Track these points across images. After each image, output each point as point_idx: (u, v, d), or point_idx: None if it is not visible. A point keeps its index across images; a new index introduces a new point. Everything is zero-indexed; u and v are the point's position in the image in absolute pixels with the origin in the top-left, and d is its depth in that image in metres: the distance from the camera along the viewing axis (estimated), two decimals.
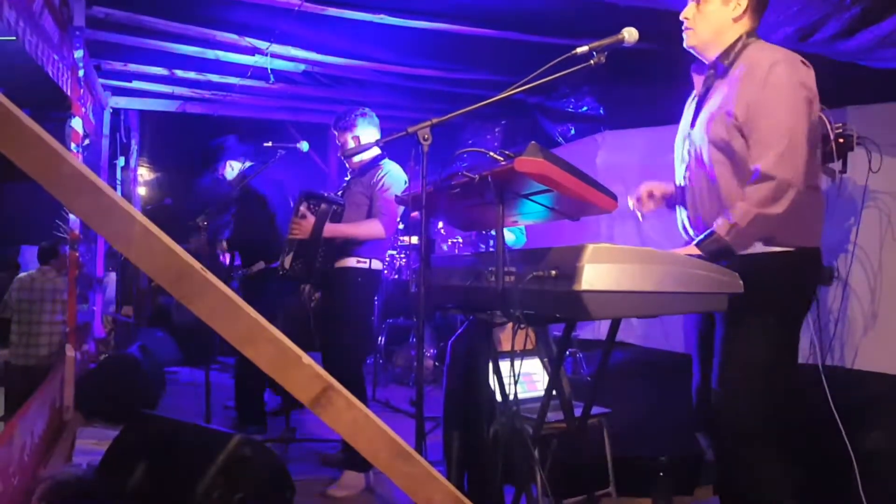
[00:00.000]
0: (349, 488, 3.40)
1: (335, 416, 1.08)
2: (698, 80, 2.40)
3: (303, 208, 3.53)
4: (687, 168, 2.37)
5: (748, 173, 2.11)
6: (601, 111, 5.52)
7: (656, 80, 4.35)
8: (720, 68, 2.27)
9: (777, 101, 2.07)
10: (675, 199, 2.49)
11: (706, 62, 2.34)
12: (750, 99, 2.11)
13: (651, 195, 2.54)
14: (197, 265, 1.02)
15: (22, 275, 5.73)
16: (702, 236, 2.15)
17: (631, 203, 2.58)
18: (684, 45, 2.36)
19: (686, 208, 2.38)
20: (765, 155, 2.05)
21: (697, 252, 2.12)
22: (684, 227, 2.42)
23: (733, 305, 1.96)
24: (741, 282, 1.95)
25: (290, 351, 1.06)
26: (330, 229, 3.51)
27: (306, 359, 1.07)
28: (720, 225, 2.10)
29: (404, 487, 1.11)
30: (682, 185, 2.40)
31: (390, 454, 1.10)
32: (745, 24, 2.27)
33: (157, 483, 2.36)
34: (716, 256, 2.08)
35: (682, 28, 2.34)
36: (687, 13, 2.32)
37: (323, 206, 3.52)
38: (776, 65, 2.09)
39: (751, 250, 2.15)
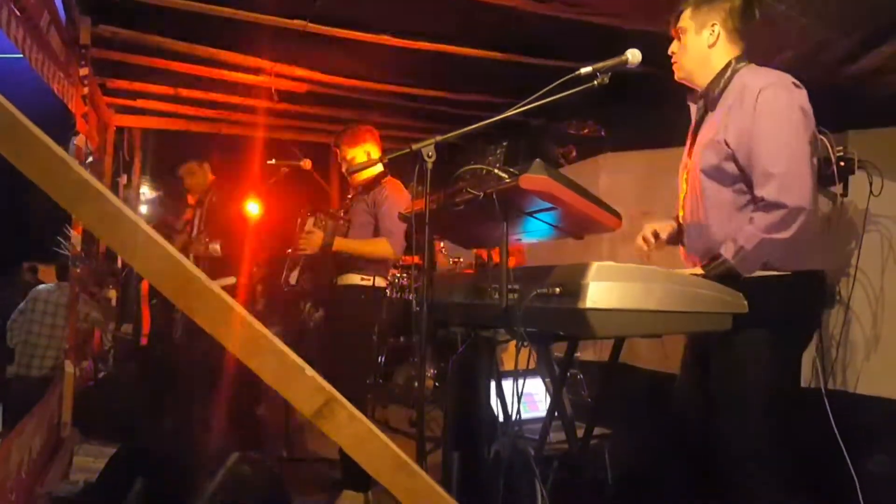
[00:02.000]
0: None
1: (337, 428, 1.07)
2: (693, 110, 2.40)
3: (310, 224, 3.56)
4: (685, 198, 2.36)
5: (743, 201, 2.11)
6: (603, 133, 5.53)
7: (658, 103, 4.37)
8: (710, 96, 2.26)
9: (771, 126, 2.05)
10: (677, 235, 2.46)
11: (699, 91, 2.33)
12: (741, 126, 2.09)
13: (657, 235, 2.44)
14: (201, 274, 1.01)
15: (40, 287, 5.71)
16: (709, 261, 2.14)
17: (639, 246, 2.44)
18: (675, 78, 2.37)
19: (685, 238, 2.38)
20: (768, 182, 2.03)
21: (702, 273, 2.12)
22: (685, 257, 2.40)
23: (736, 327, 1.95)
24: (745, 302, 1.94)
25: (293, 362, 1.05)
26: (340, 243, 3.52)
27: (309, 370, 1.06)
28: (727, 248, 2.09)
29: (407, 503, 1.10)
30: (682, 215, 2.39)
31: (392, 468, 1.08)
32: (728, 50, 2.25)
33: (155, 500, 2.35)
34: (721, 280, 2.08)
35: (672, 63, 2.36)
36: (673, 48, 2.35)
37: (330, 221, 3.55)
38: (766, 89, 2.07)
39: (753, 274, 2.13)
